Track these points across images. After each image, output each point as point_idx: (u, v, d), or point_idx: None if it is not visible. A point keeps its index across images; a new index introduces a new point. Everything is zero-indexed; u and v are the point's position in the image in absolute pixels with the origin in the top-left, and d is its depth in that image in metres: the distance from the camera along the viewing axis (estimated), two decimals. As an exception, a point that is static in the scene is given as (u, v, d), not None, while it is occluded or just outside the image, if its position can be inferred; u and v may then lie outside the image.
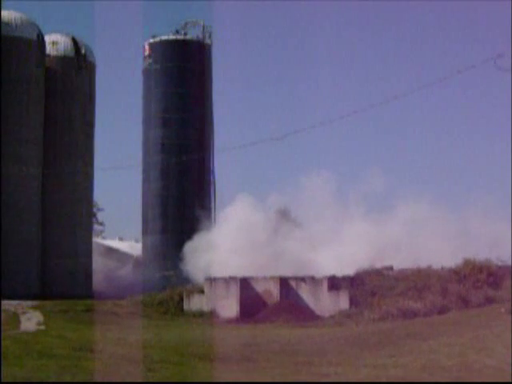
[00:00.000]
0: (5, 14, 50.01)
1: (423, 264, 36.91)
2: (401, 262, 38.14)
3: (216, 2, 64.91)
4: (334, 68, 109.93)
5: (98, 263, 56.61)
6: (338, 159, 46.12)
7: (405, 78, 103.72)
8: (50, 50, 52.98)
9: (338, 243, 41.84)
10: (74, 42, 54.40)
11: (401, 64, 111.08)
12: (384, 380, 18.11)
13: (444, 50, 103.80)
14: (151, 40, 60.85)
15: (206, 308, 38.46)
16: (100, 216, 79.67)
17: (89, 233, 54.83)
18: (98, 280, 54.99)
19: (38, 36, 51.01)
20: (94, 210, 61.36)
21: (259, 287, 37.87)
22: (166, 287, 43.75)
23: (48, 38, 52.95)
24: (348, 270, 37.36)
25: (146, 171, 60.23)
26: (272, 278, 37.70)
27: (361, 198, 46.30)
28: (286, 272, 37.86)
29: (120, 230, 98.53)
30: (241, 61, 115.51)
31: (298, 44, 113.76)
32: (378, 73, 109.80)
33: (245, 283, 37.86)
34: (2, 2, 49.07)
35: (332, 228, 44.00)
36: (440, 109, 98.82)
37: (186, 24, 62.02)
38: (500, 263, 35.00)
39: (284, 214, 50.05)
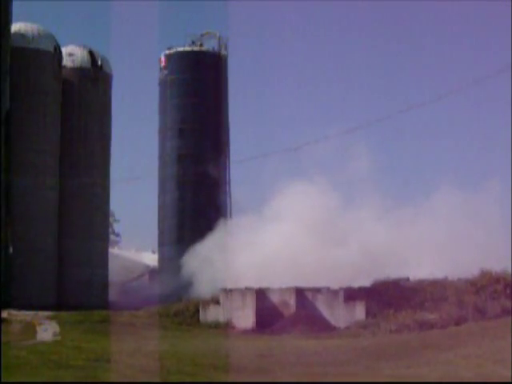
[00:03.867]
0: (22, 26, 50.28)
1: (440, 275, 36.74)
2: (417, 272, 37.98)
3: (231, 14, 65.03)
4: (350, 78, 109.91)
5: (114, 274, 56.65)
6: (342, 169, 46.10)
7: (418, 88, 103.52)
8: (66, 61, 53.20)
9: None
10: (91, 53, 54.61)
11: (414, 74, 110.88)
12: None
13: (459, 58, 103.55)
14: (167, 51, 61.00)
15: (221, 319, 38.42)
16: (116, 227, 79.93)
17: (105, 243, 54.88)
18: (114, 291, 55.03)
19: (54, 48, 51.25)
20: (111, 220, 61.44)
21: (275, 298, 37.82)
22: (182, 298, 43.74)
23: (65, 50, 53.18)
24: (363, 280, 37.29)
25: (162, 182, 60.30)
26: (288, 288, 37.64)
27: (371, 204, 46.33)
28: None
29: (136, 241, 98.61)
30: (256, 72, 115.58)
31: (313, 55, 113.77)
32: (393, 82, 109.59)
33: (261, 294, 37.82)
34: (20, 15, 49.36)
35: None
36: (447, 123, 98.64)
37: (202, 35, 62.17)
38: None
39: None
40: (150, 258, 65.76)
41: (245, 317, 37.38)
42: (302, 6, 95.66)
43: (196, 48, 61.19)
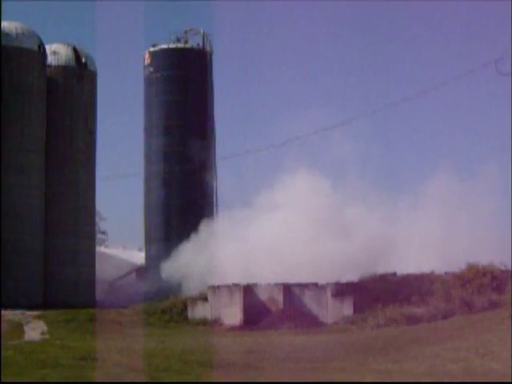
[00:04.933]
0: (5, 24, 50.04)
1: (426, 269, 36.83)
2: (403, 267, 38.05)
3: (216, 10, 65.01)
4: (336, 74, 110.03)
5: (101, 272, 56.52)
6: (336, 165, 46.13)
7: (405, 82, 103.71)
8: (51, 59, 53.00)
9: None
10: (75, 51, 54.42)
11: (401, 68, 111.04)
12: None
13: (444, 53, 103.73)
14: (152, 48, 60.87)
15: (209, 316, 38.43)
16: (103, 225, 79.69)
17: (91, 242, 54.75)
18: (100, 289, 54.92)
19: (38, 46, 51.05)
20: (97, 219, 61.24)
21: (263, 294, 37.84)
22: (170, 295, 43.73)
23: (49, 48, 52.98)
24: (351, 275, 37.32)
25: (147, 180, 60.22)
26: (276, 284, 37.68)
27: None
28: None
29: (123, 239, 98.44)
30: (241, 68, 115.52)
31: (298, 51, 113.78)
32: (379, 77, 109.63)
33: (248, 290, 37.83)
34: (3, 13, 49.13)
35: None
36: (438, 115, 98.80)
37: (187, 32, 62.08)
38: (503, 267, 34.92)
39: None
40: (137, 256, 65.65)
41: (232, 313, 37.39)
42: (286, 0, 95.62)
43: (180, 45, 61.08)
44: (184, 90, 60.07)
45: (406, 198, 47.29)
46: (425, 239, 42.13)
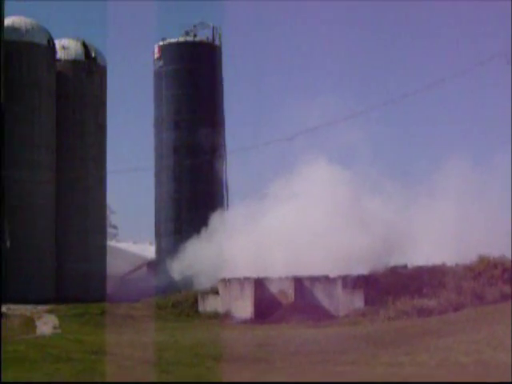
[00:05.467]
0: (15, 19, 50.16)
1: (437, 261, 36.73)
2: (417, 258, 37.92)
3: (225, 4, 64.88)
4: (346, 66, 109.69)
5: (112, 266, 56.63)
6: (351, 157, 46.00)
7: (411, 76, 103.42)
8: (60, 54, 53.11)
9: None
10: (85, 45, 54.51)
11: (407, 62, 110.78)
12: (400, 378, 18.05)
13: (448, 47, 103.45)
14: (161, 42, 60.87)
15: (220, 309, 38.44)
16: (113, 219, 79.81)
17: (102, 236, 54.89)
18: (112, 283, 55.03)
19: (48, 41, 51.14)
20: (108, 213, 61.37)
21: (274, 287, 37.82)
22: (180, 289, 43.79)
23: (58, 43, 53.09)
24: (364, 267, 37.22)
25: (158, 174, 60.25)
26: (286, 278, 37.65)
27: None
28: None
29: (134, 233, 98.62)
30: (250, 61, 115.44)
31: (308, 43, 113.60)
32: (385, 71, 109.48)
33: (259, 284, 37.82)
34: (13, 8, 49.22)
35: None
36: (442, 108, 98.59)
37: (196, 26, 62.05)
38: (515, 259, 34.83)
39: None
40: (148, 250, 65.73)
41: (243, 307, 37.39)
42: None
43: (190, 38, 61.06)
44: (194, 83, 60.06)
45: (420, 188, 47.05)
46: (438, 231, 41.87)
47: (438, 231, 41.64)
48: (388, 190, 46.30)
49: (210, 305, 39.26)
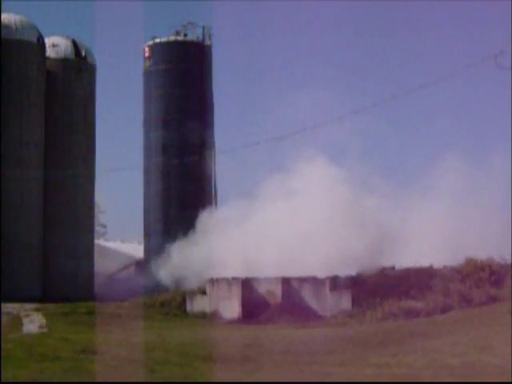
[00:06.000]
0: (5, 16, 50.03)
1: (425, 263, 36.81)
2: (402, 260, 37.98)
3: (215, 3, 64.90)
4: (335, 67, 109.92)
5: (100, 265, 56.59)
6: (344, 156, 46.10)
7: (403, 77, 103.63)
8: (50, 52, 53.02)
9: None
10: (74, 44, 54.43)
11: (400, 63, 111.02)
12: (387, 379, 18.10)
13: (443, 47, 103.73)
14: (151, 42, 60.86)
15: (208, 309, 38.45)
16: (102, 218, 79.72)
17: (90, 235, 54.82)
18: (100, 282, 54.99)
19: (38, 39, 51.04)
20: (96, 212, 61.31)
21: (261, 288, 37.85)
22: (168, 289, 43.77)
23: (48, 41, 52.98)
24: (349, 269, 37.24)
25: (147, 173, 60.24)
26: (274, 278, 37.68)
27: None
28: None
29: (122, 232, 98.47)
30: (240, 61, 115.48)
31: (298, 43, 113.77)
32: (377, 72, 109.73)
33: (247, 284, 37.84)
34: (2, 6, 49.08)
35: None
36: (438, 109, 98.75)
37: (186, 25, 62.04)
38: (502, 261, 34.92)
39: None
40: (136, 249, 65.70)
41: (231, 307, 37.41)
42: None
43: (180, 38, 61.05)
44: (183, 82, 60.05)
45: (414, 188, 47.13)
46: (429, 232, 41.92)
47: (430, 232, 41.70)
48: (381, 190, 46.27)
49: (197, 305, 39.27)
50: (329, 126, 42.26)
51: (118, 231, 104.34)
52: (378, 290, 35.10)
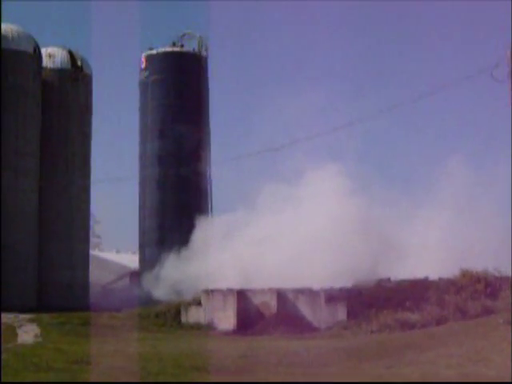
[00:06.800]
0: (1, 26, 50.04)
1: (420, 275, 36.81)
2: (403, 271, 37.93)
3: (212, 15, 65.06)
4: (331, 78, 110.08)
5: (95, 276, 56.51)
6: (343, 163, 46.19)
7: (400, 89, 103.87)
8: (46, 62, 53.04)
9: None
10: (71, 54, 54.47)
11: (395, 73, 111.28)
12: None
13: (438, 59, 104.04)
14: (147, 52, 60.95)
15: (203, 320, 38.37)
16: (97, 228, 79.67)
17: (86, 245, 54.74)
18: (94, 293, 54.88)
19: (34, 49, 51.07)
20: (91, 222, 61.28)
21: (256, 299, 37.79)
22: (163, 300, 43.67)
23: (44, 51, 53.02)
24: (346, 281, 37.19)
25: (142, 183, 60.23)
26: (269, 289, 37.64)
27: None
28: None
29: (117, 243, 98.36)
30: (237, 72, 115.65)
31: (294, 53, 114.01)
32: (375, 82, 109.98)
33: (242, 295, 37.79)
34: (-2, 15, 49.10)
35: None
36: (431, 119, 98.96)
37: (182, 36, 62.16)
38: (497, 273, 34.95)
39: None
40: (131, 260, 65.63)
41: (226, 318, 37.34)
42: (283, 4, 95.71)
43: (176, 49, 61.16)
44: (179, 93, 60.14)
45: (416, 196, 46.95)
46: (430, 243, 41.75)
47: (430, 243, 41.56)
48: (384, 198, 45.90)
49: (192, 316, 39.18)
50: (326, 134, 42.31)
51: (114, 242, 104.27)
52: (373, 301, 35.08)
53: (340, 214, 42.21)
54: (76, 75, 54.09)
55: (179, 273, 46.06)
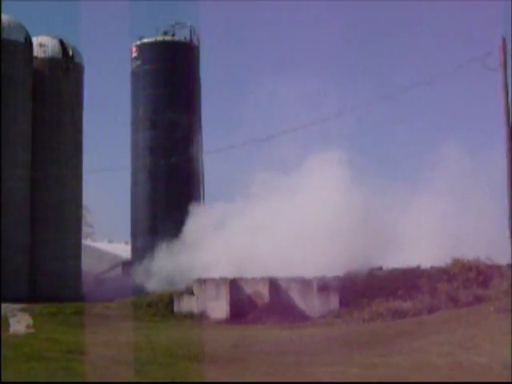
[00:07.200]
0: (-8, 16, 49.90)
1: (412, 263, 36.88)
2: (391, 261, 37.98)
3: (203, 3, 64.92)
4: (323, 68, 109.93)
5: (88, 266, 56.48)
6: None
7: (391, 79, 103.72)
8: (37, 52, 52.87)
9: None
10: (62, 43, 54.29)
11: (386, 64, 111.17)
12: (374, 379, 18.14)
13: (431, 49, 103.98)
14: (139, 41, 60.76)
15: (196, 309, 38.41)
16: (89, 218, 79.57)
17: (78, 235, 54.69)
18: (87, 282, 54.87)
19: (25, 38, 50.90)
20: (83, 212, 61.18)
21: (249, 288, 37.84)
22: (156, 289, 43.69)
23: (35, 40, 52.85)
24: (337, 270, 37.20)
25: (134, 173, 60.13)
26: (261, 278, 37.70)
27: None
28: None
29: (109, 233, 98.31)
30: (228, 61, 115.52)
31: (287, 43, 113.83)
32: (368, 73, 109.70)
33: (234, 284, 37.84)
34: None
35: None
36: (428, 108, 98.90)
37: (174, 25, 61.99)
38: (489, 262, 35.04)
39: None
40: (123, 250, 65.62)
41: (219, 307, 37.39)
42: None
43: (168, 38, 61.00)
44: (171, 83, 59.98)
45: (410, 184, 46.82)
46: (424, 231, 41.65)
47: (425, 232, 41.47)
48: (379, 186, 45.68)
49: (185, 305, 39.22)
50: (319, 122, 42.19)
51: (106, 231, 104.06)
52: (365, 290, 35.17)
53: (334, 202, 42.15)
54: (67, 64, 53.94)
55: (171, 263, 46.07)
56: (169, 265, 46.31)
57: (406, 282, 35.16)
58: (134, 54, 60.75)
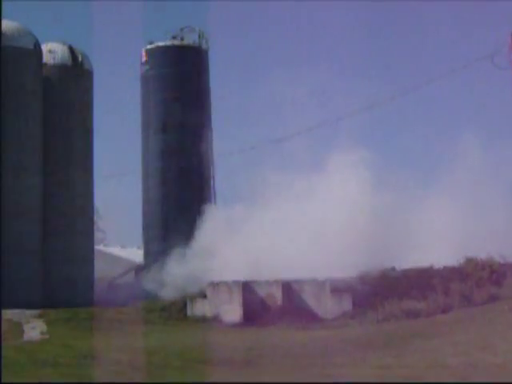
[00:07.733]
0: (1, 23, 49.94)
1: (425, 263, 36.75)
2: (402, 261, 37.81)
3: (212, 8, 64.95)
4: (334, 69, 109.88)
5: (100, 271, 56.48)
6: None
7: (400, 77, 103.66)
8: (46, 58, 52.90)
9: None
10: (71, 50, 54.33)
11: (396, 62, 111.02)
12: (389, 380, 18.08)
13: (438, 47, 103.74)
14: (148, 46, 60.84)
15: (209, 313, 38.39)
16: (101, 224, 79.65)
17: (90, 240, 54.68)
18: (100, 288, 54.88)
19: (34, 45, 50.96)
20: (95, 217, 61.21)
21: (262, 291, 37.81)
22: (169, 293, 43.65)
23: (45, 47, 52.91)
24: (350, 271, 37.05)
25: (145, 178, 60.18)
26: (274, 281, 37.66)
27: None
28: None
29: (122, 238, 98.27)
30: (238, 65, 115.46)
31: (295, 46, 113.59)
32: (372, 72, 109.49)
33: (247, 287, 37.82)
34: (-2, 12, 48.98)
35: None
36: (435, 108, 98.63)
37: (182, 30, 62.05)
38: (502, 260, 34.91)
39: None
40: (136, 254, 65.65)
41: (232, 310, 37.36)
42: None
43: (177, 42, 61.07)
44: (181, 87, 60.03)
45: (425, 184, 46.56)
46: (439, 231, 41.37)
47: (440, 231, 41.16)
48: (395, 186, 45.23)
49: (198, 309, 39.21)
50: (332, 122, 42.00)
51: (118, 236, 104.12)
52: (378, 291, 35.09)
53: (347, 203, 41.98)
54: (77, 71, 53.95)
55: (185, 267, 46.02)
56: (182, 269, 46.25)
57: (420, 282, 35.06)
58: (144, 59, 60.85)
